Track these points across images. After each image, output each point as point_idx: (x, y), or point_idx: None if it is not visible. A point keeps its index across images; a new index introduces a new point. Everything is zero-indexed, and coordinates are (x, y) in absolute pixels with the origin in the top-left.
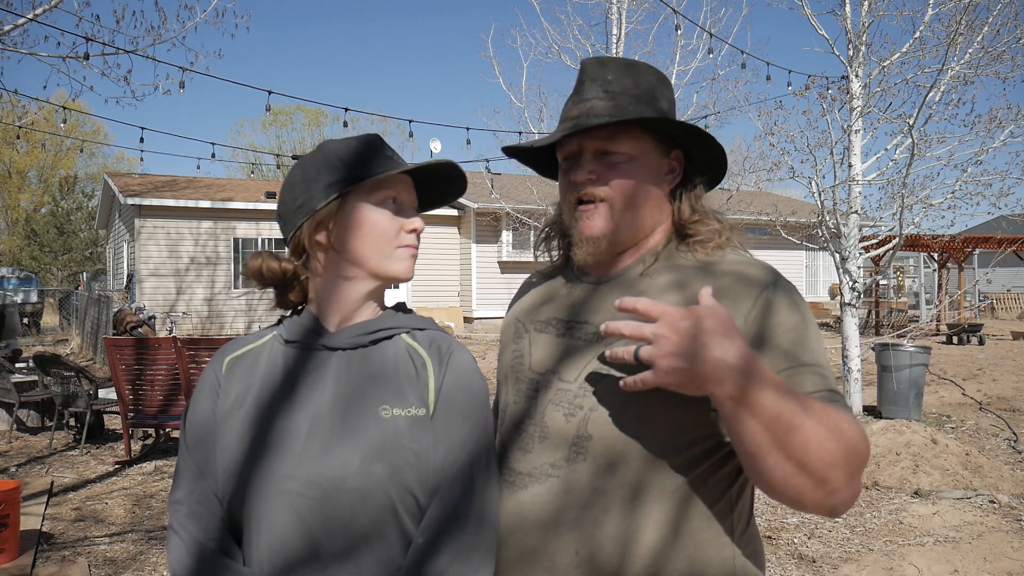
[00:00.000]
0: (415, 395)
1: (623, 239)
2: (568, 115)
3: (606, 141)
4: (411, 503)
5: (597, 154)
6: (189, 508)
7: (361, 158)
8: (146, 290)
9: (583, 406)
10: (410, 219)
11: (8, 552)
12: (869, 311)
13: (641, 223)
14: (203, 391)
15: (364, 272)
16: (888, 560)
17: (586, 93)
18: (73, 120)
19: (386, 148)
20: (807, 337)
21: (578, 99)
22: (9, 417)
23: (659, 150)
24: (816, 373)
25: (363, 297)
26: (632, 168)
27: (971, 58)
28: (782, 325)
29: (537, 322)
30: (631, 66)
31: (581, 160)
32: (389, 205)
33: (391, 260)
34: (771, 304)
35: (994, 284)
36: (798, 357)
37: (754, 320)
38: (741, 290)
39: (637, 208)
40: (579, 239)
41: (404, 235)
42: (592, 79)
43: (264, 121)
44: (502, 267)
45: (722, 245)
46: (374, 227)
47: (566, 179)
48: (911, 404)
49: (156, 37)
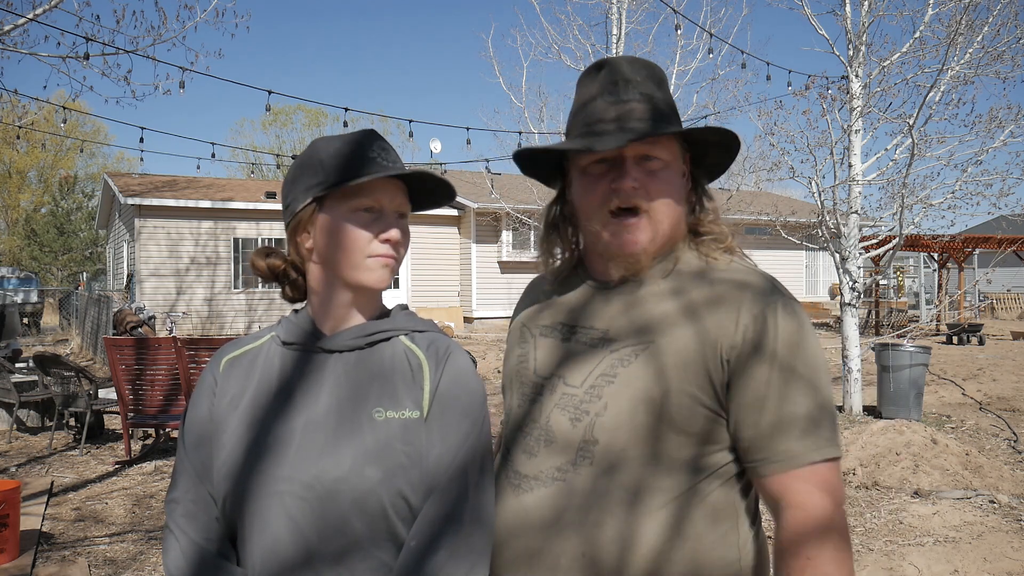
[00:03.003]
0: (410, 398)
1: (657, 250)
2: (604, 116)
3: (650, 147)
4: (403, 507)
5: (637, 160)
6: (185, 508)
7: (342, 161)
8: (146, 290)
9: (589, 411)
10: (386, 228)
11: (8, 552)
12: (869, 311)
13: (673, 232)
14: (201, 392)
15: (339, 279)
16: (888, 560)
17: (622, 94)
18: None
19: (372, 148)
20: (804, 348)
21: (613, 100)
22: (9, 417)
23: (681, 156)
24: (808, 388)
25: (348, 302)
26: (668, 176)
27: (971, 58)
28: (779, 335)
29: (542, 326)
30: (649, 67)
31: (625, 166)
32: (361, 213)
33: (360, 270)
34: (767, 314)
35: (994, 284)
36: (794, 369)
37: (750, 328)
38: (738, 298)
39: (672, 218)
40: (617, 254)
41: (376, 244)
42: (625, 80)
43: (264, 121)
44: (502, 267)
45: (731, 248)
46: (345, 235)
47: (601, 185)
48: (911, 404)
49: (156, 37)
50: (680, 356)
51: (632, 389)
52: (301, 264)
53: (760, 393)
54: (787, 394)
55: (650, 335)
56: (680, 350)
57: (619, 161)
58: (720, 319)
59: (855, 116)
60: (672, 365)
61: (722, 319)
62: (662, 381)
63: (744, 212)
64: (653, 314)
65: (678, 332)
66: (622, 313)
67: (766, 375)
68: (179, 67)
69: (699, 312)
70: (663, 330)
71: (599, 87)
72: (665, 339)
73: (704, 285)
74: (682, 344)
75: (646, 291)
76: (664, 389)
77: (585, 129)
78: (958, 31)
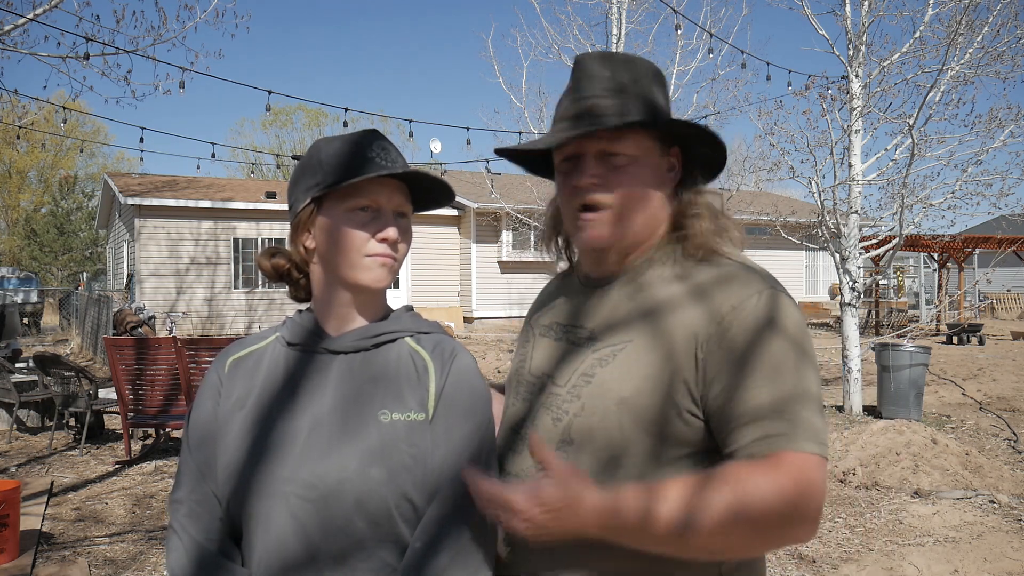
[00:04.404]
0: (415, 399)
1: (628, 245)
2: (565, 114)
3: (610, 142)
4: (407, 509)
5: (599, 156)
6: (189, 508)
7: (339, 161)
8: (146, 290)
9: (568, 411)
10: (383, 227)
11: (8, 552)
12: (869, 311)
13: (645, 227)
14: (206, 392)
15: (339, 279)
16: (888, 560)
17: (584, 90)
18: (73, 120)
19: (372, 148)
20: (770, 337)
21: (576, 96)
22: (9, 417)
23: (660, 149)
24: (770, 381)
25: (349, 302)
26: (636, 170)
27: (971, 58)
28: (746, 324)
29: (542, 326)
30: (628, 61)
31: (583, 163)
32: (358, 213)
33: (358, 270)
34: (744, 305)
35: (994, 284)
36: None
37: (723, 321)
38: (717, 292)
39: (641, 213)
40: (584, 249)
41: (373, 244)
42: (589, 76)
43: (264, 121)
44: (502, 267)
45: (714, 247)
46: (342, 235)
47: (567, 183)
48: (911, 404)
49: (156, 37)
50: (657, 356)
51: (607, 390)
52: (304, 265)
53: (724, 383)
54: (751, 391)
55: (629, 334)
56: (657, 350)
57: (579, 158)
58: (697, 314)
59: (855, 116)
60: (648, 364)
61: (699, 314)
62: (637, 382)
63: (744, 212)
64: (637, 314)
65: (660, 332)
66: (605, 311)
67: (730, 364)
68: (179, 67)
69: (678, 309)
70: (644, 331)
71: (568, 85)
72: (644, 339)
73: (684, 282)
74: (659, 344)
75: (632, 290)
76: (639, 390)
77: (552, 127)
78: (958, 31)
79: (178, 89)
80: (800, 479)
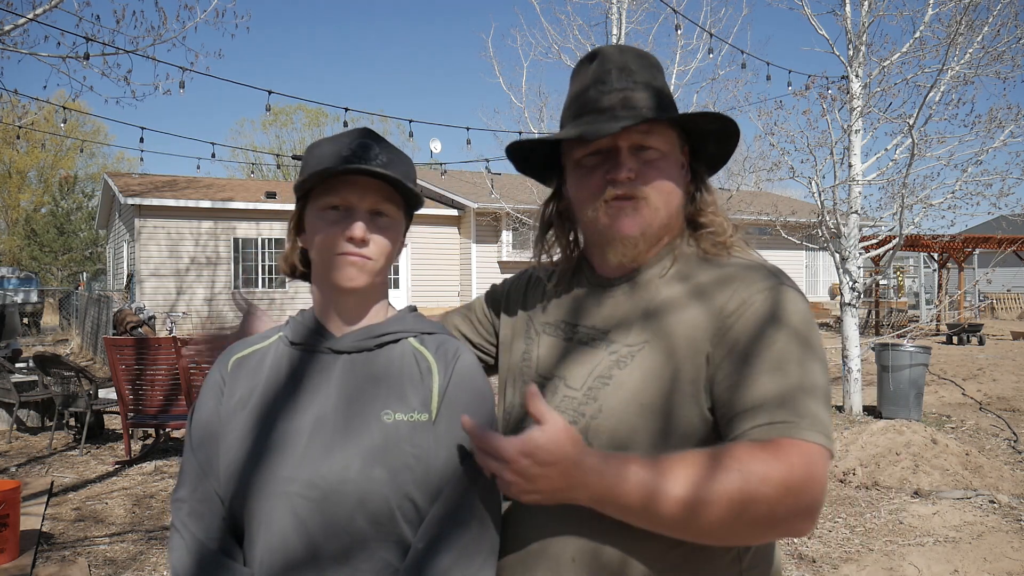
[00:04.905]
0: (418, 399)
1: (653, 238)
2: (596, 106)
3: (644, 136)
4: (410, 509)
5: (633, 149)
6: (191, 507)
7: (318, 161)
8: (146, 290)
9: (585, 413)
10: (350, 227)
11: (8, 552)
12: (869, 311)
13: (670, 222)
14: (208, 391)
15: (323, 279)
16: (888, 560)
17: (615, 82)
18: (73, 120)
19: (351, 147)
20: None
21: (605, 88)
22: (9, 417)
23: (679, 146)
24: (776, 373)
25: (340, 301)
26: (665, 165)
27: (971, 58)
28: (754, 317)
29: (545, 323)
30: (643, 56)
31: (620, 156)
32: (329, 211)
33: (331, 268)
34: (755, 299)
35: (994, 284)
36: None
37: (736, 315)
38: (733, 290)
39: (668, 207)
40: (614, 238)
41: (342, 243)
42: (618, 68)
43: (264, 121)
44: (502, 267)
45: (728, 243)
46: (315, 234)
47: (596, 176)
48: (911, 404)
49: (156, 37)
50: (675, 358)
51: (626, 392)
52: (308, 265)
53: (729, 375)
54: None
55: (646, 336)
56: (674, 351)
57: (614, 152)
58: (709, 313)
59: (855, 116)
60: (665, 366)
61: (710, 313)
62: (657, 384)
63: (744, 212)
64: (650, 314)
65: (674, 333)
66: (621, 311)
67: (735, 358)
68: (179, 67)
69: (689, 308)
70: (659, 331)
71: (592, 77)
72: (662, 341)
73: (700, 281)
74: (677, 346)
75: (643, 289)
76: (659, 392)
77: (578, 119)
78: (958, 31)
79: (178, 89)
80: (804, 467)
